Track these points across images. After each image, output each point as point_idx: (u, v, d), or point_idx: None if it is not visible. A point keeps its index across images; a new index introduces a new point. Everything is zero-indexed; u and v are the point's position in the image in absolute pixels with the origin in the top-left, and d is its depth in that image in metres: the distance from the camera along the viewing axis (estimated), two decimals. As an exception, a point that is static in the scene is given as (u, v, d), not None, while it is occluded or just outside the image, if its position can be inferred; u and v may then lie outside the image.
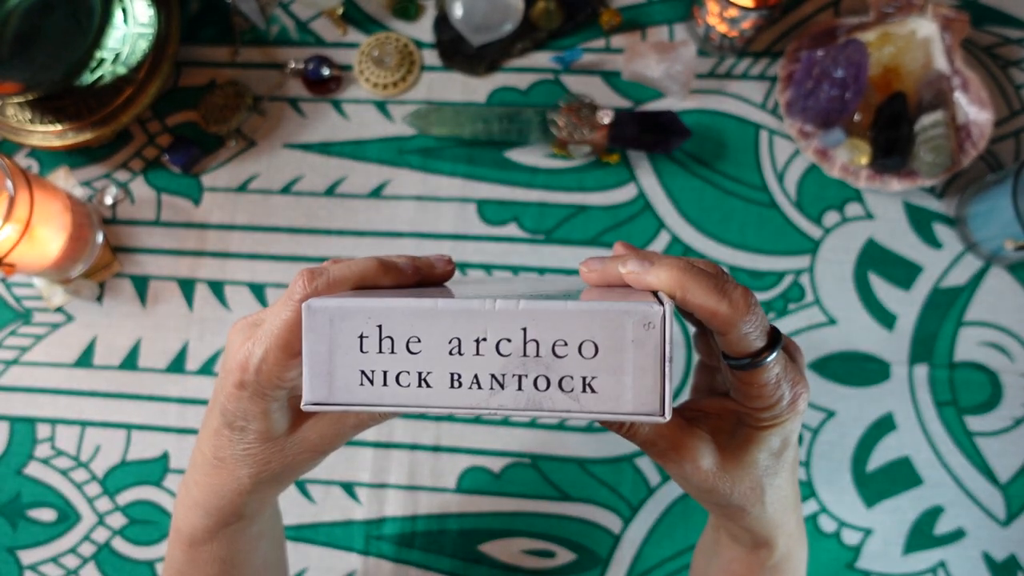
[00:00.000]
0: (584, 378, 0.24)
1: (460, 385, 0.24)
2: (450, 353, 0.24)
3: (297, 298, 0.28)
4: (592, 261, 0.29)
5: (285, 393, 0.31)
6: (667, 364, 0.24)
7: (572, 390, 0.24)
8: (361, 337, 0.25)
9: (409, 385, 0.25)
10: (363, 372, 0.25)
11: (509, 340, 0.24)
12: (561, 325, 0.24)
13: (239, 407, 0.31)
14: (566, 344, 0.24)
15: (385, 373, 0.25)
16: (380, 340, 0.25)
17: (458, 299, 0.25)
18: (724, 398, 0.31)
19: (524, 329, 0.24)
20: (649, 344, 0.24)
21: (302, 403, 0.25)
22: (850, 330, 0.59)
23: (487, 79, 0.64)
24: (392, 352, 0.25)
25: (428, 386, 0.25)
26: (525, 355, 0.24)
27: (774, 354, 0.28)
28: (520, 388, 0.24)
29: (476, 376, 0.24)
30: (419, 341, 0.25)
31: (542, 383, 0.24)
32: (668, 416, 0.24)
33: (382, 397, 0.25)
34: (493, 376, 0.24)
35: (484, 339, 0.24)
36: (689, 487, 0.32)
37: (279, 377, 0.29)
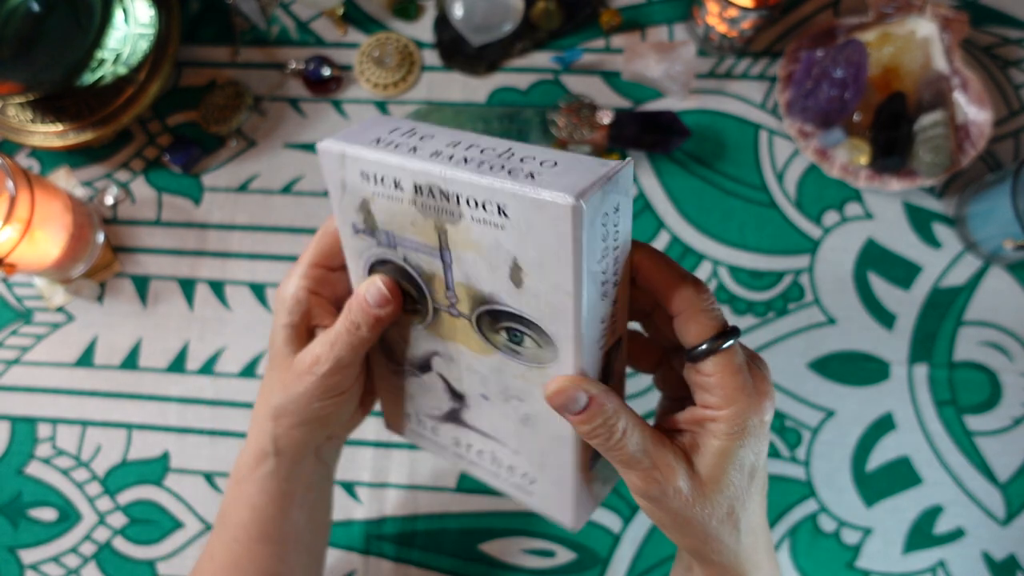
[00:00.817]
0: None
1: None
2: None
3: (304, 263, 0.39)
4: None
5: (300, 311, 0.39)
6: None
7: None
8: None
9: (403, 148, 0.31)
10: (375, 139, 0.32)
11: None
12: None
13: (276, 336, 0.40)
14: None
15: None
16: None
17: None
18: (693, 408, 0.31)
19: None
20: None
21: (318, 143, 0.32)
22: (850, 330, 0.59)
23: (487, 79, 0.64)
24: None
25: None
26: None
27: (732, 341, 0.28)
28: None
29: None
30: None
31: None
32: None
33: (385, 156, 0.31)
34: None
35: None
36: (666, 518, 0.30)
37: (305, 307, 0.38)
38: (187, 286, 0.62)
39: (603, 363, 0.31)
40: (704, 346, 0.28)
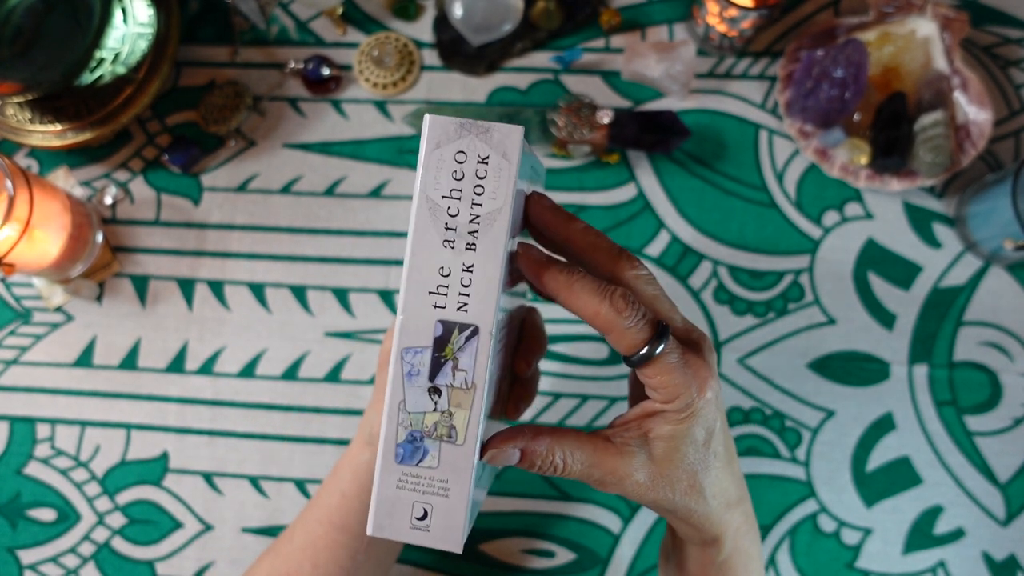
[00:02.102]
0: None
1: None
2: None
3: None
4: (529, 249, 0.33)
5: None
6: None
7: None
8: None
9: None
10: None
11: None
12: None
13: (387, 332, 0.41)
14: None
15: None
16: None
17: None
18: (646, 401, 0.33)
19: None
20: None
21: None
22: (849, 330, 0.59)
23: (487, 79, 0.64)
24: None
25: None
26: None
27: (662, 346, 0.30)
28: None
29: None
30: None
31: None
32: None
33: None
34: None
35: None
36: (636, 501, 0.33)
37: None
38: (186, 286, 0.62)
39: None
40: (635, 357, 0.30)
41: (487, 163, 0.29)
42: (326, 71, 0.64)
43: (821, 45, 0.60)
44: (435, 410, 0.31)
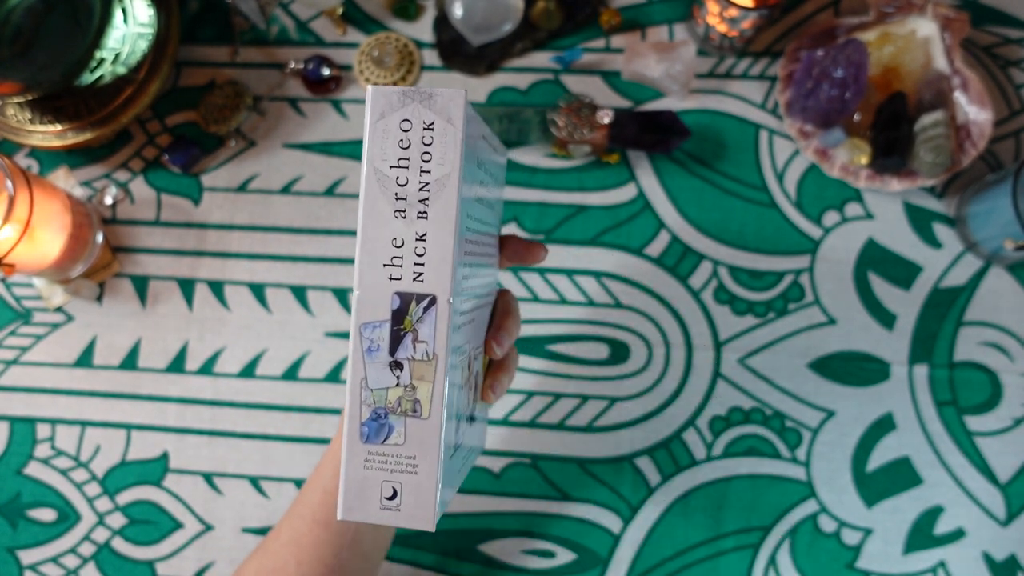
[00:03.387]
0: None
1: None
2: None
3: None
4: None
5: None
6: None
7: None
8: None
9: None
10: None
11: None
12: None
13: None
14: None
15: None
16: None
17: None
18: None
19: None
20: None
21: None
22: (850, 330, 0.59)
23: (487, 79, 0.64)
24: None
25: None
26: None
27: None
28: None
29: None
30: None
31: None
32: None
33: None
34: None
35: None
36: None
37: None
38: (186, 286, 0.62)
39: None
40: None
41: (432, 129, 0.29)
42: (326, 71, 0.64)
43: (821, 45, 0.60)
44: (398, 384, 0.30)
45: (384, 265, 0.30)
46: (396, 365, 0.30)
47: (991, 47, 0.63)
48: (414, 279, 0.30)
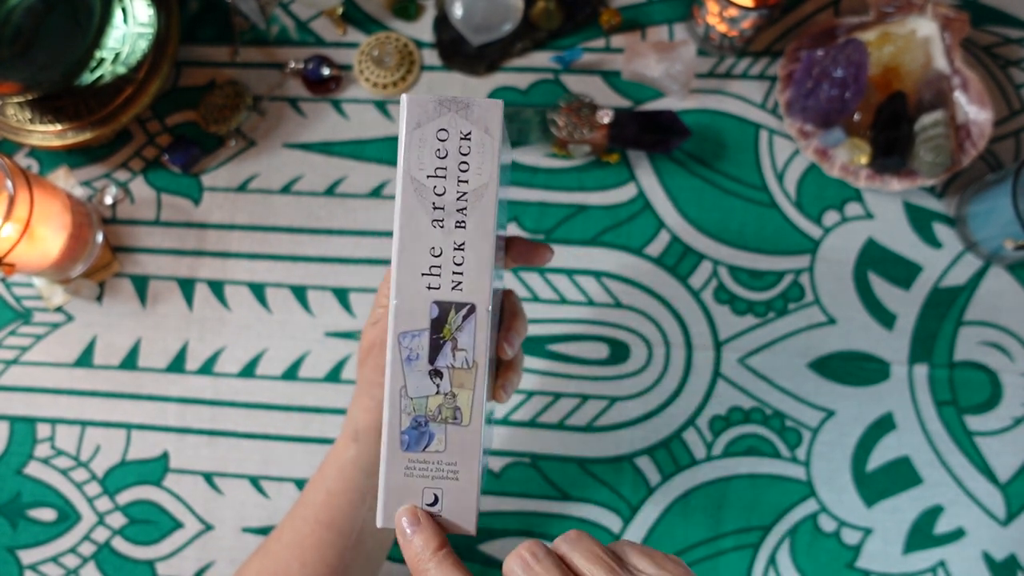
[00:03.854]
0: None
1: None
2: None
3: None
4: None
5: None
6: None
7: None
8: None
9: None
10: None
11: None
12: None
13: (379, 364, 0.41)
14: None
15: None
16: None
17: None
18: None
19: None
20: None
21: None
22: (850, 330, 0.59)
23: (487, 79, 0.64)
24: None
25: None
26: None
27: None
28: None
29: None
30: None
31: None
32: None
33: None
34: None
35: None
36: None
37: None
38: (186, 286, 0.62)
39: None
40: None
41: (470, 139, 0.29)
42: (326, 71, 0.64)
43: (821, 45, 0.60)
44: (438, 392, 0.31)
45: (422, 274, 0.30)
46: (436, 373, 0.31)
47: (991, 47, 0.63)
48: (453, 288, 0.30)
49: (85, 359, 0.62)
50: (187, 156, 0.63)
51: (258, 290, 0.62)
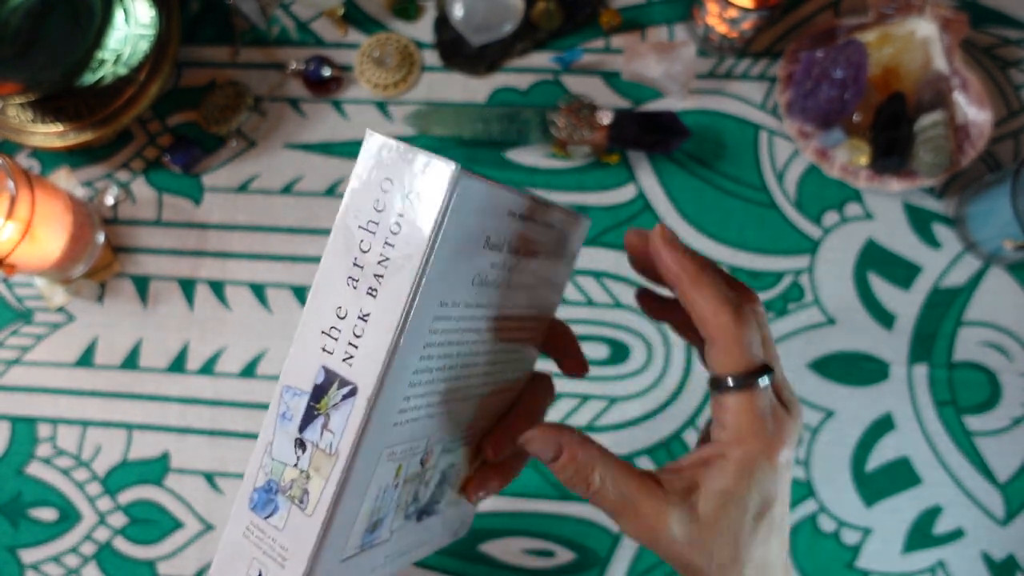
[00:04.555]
0: None
1: None
2: None
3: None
4: (633, 232, 0.30)
5: None
6: None
7: None
8: None
9: None
10: None
11: None
12: None
13: None
14: None
15: None
16: None
17: None
18: (701, 448, 0.29)
19: None
20: None
21: None
22: (849, 330, 0.59)
23: (487, 79, 0.64)
24: None
25: None
26: None
27: (763, 380, 0.27)
28: None
29: None
30: None
31: None
32: None
33: None
34: None
35: None
36: (664, 558, 0.29)
37: None
38: (187, 286, 0.62)
39: None
40: (731, 380, 0.27)
41: (409, 199, 0.25)
42: (327, 71, 0.64)
43: (821, 46, 0.61)
44: (295, 466, 0.27)
45: (322, 332, 0.26)
46: (300, 444, 0.27)
47: (990, 48, 0.63)
48: (344, 359, 0.26)
49: (86, 359, 0.62)
50: (188, 156, 0.63)
51: (259, 290, 0.62)
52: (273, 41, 0.66)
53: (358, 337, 0.26)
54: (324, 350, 0.26)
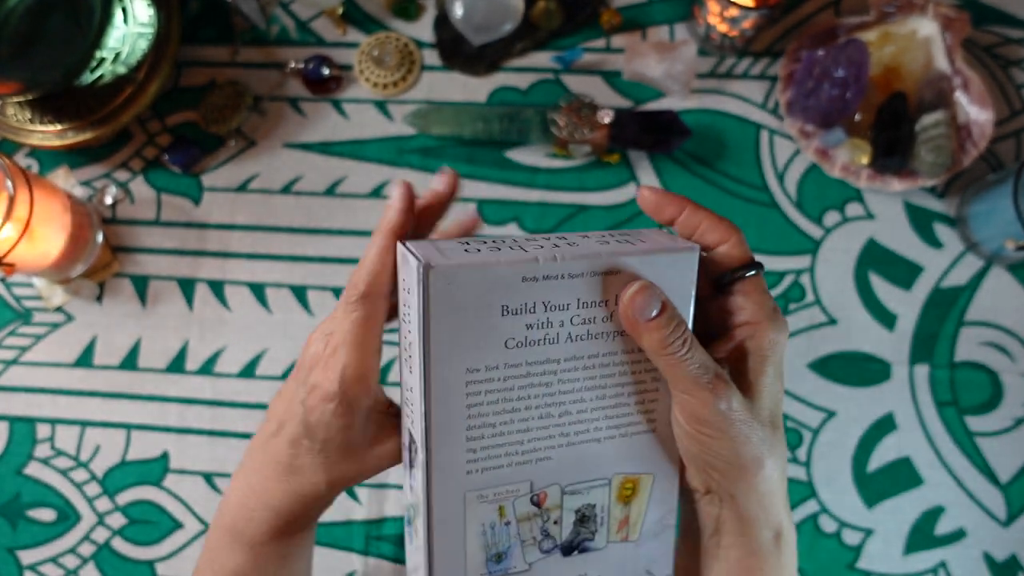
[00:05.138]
0: None
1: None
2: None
3: (354, 300, 0.32)
4: (648, 190, 0.33)
5: (370, 404, 0.33)
6: None
7: None
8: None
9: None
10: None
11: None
12: None
13: (323, 419, 0.32)
14: None
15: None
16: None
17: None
18: (720, 342, 0.32)
19: None
20: None
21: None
22: (850, 330, 0.59)
23: (487, 79, 0.64)
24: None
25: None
26: None
27: (762, 268, 0.32)
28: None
29: None
30: None
31: None
32: None
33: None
34: None
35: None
36: (715, 438, 0.31)
37: (363, 382, 0.32)
38: (186, 286, 0.62)
39: None
40: (743, 270, 0.31)
41: (410, 293, 0.29)
42: (326, 71, 0.64)
43: (822, 45, 0.60)
44: (410, 504, 0.33)
45: (403, 401, 0.32)
46: (411, 487, 0.32)
47: (992, 47, 0.63)
48: (410, 423, 0.31)
49: (85, 359, 0.62)
50: (187, 156, 0.63)
51: (258, 290, 0.62)
52: (272, 40, 0.66)
53: (410, 405, 0.31)
54: (407, 415, 0.32)
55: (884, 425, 0.58)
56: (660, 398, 0.32)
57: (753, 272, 0.31)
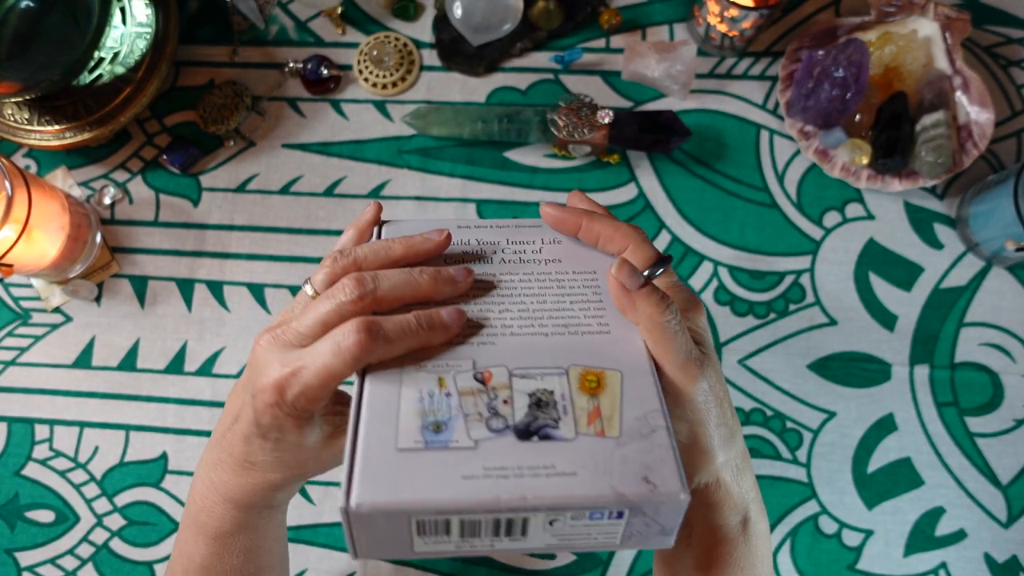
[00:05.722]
0: None
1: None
2: None
3: (348, 348, 0.29)
4: (549, 206, 0.36)
5: (320, 409, 0.32)
6: None
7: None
8: None
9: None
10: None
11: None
12: None
13: (274, 422, 0.31)
14: None
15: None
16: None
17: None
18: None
19: None
20: None
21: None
22: (851, 331, 0.59)
23: (487, 79, 0.64)
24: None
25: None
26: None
27: (671, 263, 0.34)
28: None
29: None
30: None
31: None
32: None
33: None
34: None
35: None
36: (703, 390, 0.32)
37: (316, 405, 0.31)
38: (185, 287, 0.62)
39: None
40: (655, 267, 0.33)
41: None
42: (325, 71, 0.64)
43: (822, 45, 0.60)
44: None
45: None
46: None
47: (992, 47, 0.62)
48: None
49: (83, 360, 0.62)
50: (186, 156, 0.63)
51: (257, 291, 0.62)
52: (271, 40, 0.66)
53: None
54: None
55: (884, 426, 0.58)
56: (608, 315, 0.34)
57: (661, 270, 0.33)
